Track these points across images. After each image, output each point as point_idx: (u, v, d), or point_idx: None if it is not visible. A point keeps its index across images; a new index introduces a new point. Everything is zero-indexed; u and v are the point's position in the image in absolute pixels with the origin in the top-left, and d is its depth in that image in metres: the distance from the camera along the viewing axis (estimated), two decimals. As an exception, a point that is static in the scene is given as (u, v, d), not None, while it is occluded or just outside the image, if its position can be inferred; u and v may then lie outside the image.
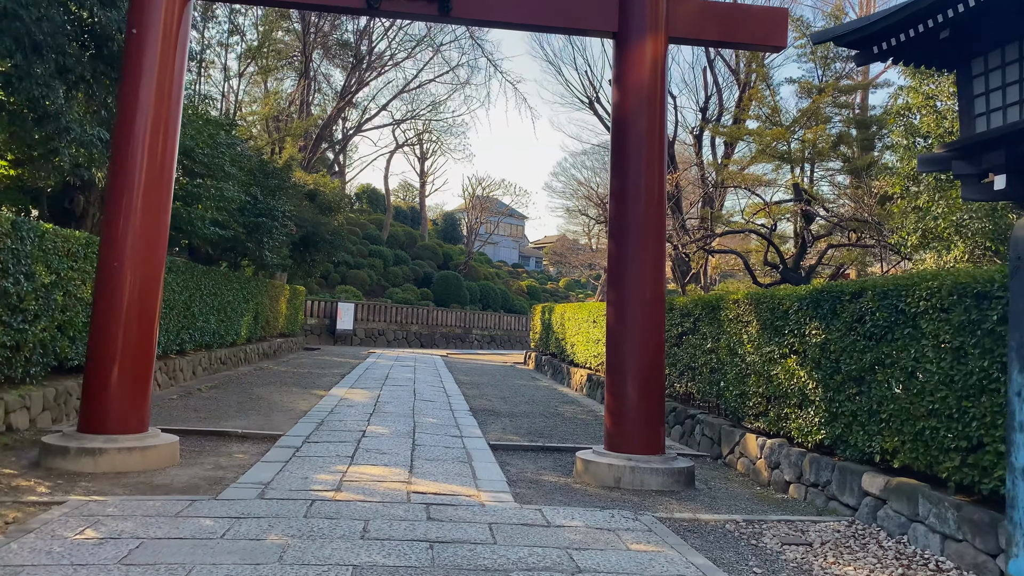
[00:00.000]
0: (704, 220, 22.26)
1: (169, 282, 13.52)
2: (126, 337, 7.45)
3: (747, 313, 8.86)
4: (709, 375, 10.30)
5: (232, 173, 15.08)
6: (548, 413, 12.97)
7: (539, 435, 10.53)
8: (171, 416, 10.37)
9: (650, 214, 8.00)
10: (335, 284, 37.93)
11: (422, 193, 57.61)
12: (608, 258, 8.30)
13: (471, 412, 12.32)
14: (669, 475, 7.57)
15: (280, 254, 19.94)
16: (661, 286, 8.10)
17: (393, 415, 11.31)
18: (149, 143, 7.63)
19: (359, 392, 14.03)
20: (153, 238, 7.70)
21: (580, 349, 18.24)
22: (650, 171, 8.00)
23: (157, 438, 7.57)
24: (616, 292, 8.14)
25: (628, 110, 8.07)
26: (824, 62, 19.25)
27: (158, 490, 6.46)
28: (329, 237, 25.59)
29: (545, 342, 23.55)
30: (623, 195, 8.09)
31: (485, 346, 39.87)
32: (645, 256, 7.98)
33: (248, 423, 10.07)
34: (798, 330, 7.70)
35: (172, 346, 14.17)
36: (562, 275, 68.96)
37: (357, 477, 7.13)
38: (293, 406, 11.98)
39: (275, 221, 16.70)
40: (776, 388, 8.09)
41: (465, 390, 15.77)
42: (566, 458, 8.99)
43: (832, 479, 6.98)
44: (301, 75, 33.17)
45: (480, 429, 10.57)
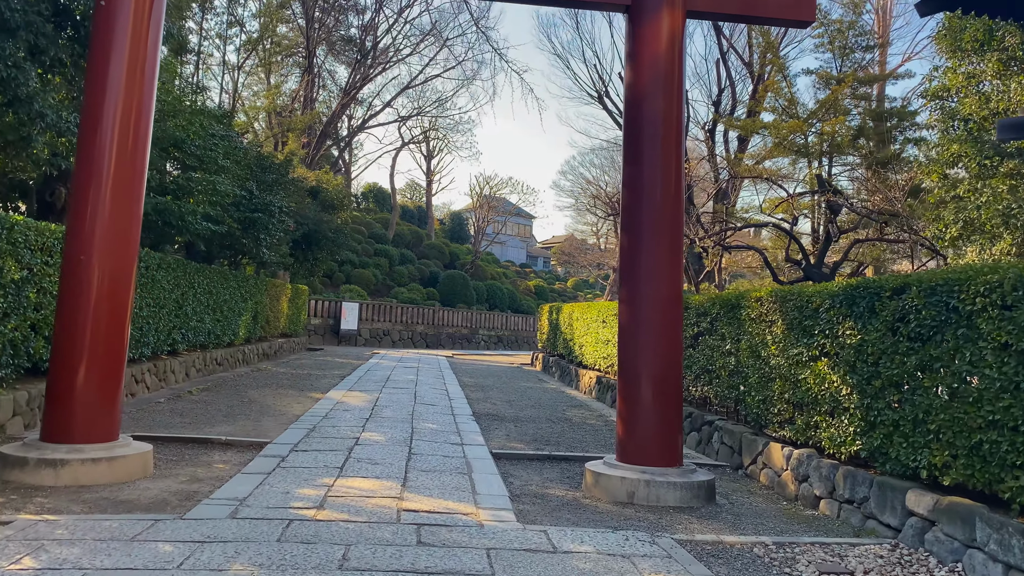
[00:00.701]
0: (717, 216, 21.54)
1: (158, 279, 12.93)
2: (94, 337, 6.82)
3: (772, 312, 8.17)
4: (728, 378, 9.60)
5: (226, 166, 14.46)
6: (555, 418, 12.29)
7: (546, 442, 9.86)
8: (153, 421, 9.74)
9: (666, 204, 7.32)
10: (339, 283, 37.34)
11: (428, 192, 57.03)
12: (620, 252, 7.62)
13: (474, 417, 11.65)
14: (688, 490, 6.89)
15: (279, 252, 19.33)
16: (678, 282, 7.42)
17: (390, 420, 10.66)
18: (119, 126, 6.99)
19: (357, 395, 13.39)
20: (124, 229, 7.06)
21: (589, 350, 17.55)
22: (666, 157, 7.32)
23: (127, 447, 6.93)
24: (629, 289, 7.46)
25: (643, 90, 7.39)
26: (842, 52, 18.52)
27: (121, 507, 5.82)
28: (332, 235, 24.97)
29: (553, 343, 22.87)
30: (637, 184, 7.41)
31: (492, 347, 39.21)
32: (661, 250, 7.30)
33: (235, 429, 9.44)
34: (830, 330, 7.01)
35: (163, 346, 13.57)
36: (570, 275, 68.29)
37: (344, 492, 6.48)
38: (286, 410, 11.34)
39: (272, 217, 16.08)
40: (804, 394, 7.39)
41: (469, 393, 15.11)
42: (574, 468, 8.31)
43: (870, 496, 6.28)
44: (305, 71, 32.60)
45: (483, 436, 9.91)
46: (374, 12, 34.05)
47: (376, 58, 34.87)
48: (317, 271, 26.40)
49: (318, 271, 26.45)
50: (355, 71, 34.59)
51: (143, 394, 12.30)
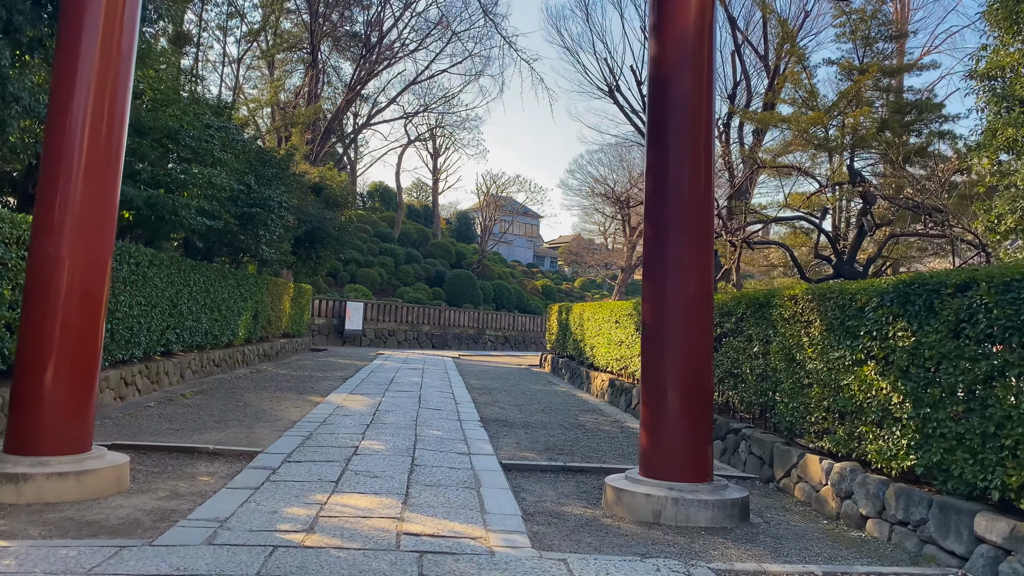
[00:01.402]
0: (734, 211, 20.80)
1: (150, 277, 12.30)
2: (64, 336, 6.17)
3: (809, 311, 7.46)
4: (756, 383, 8.91)
5: (223, 159, 13.82)
6: (567, 424, 11.61)
7: (559, 451, 9.18)
8: (139, 427, 9.10)
9: (695, 192, 6.64)
10: (344, 283, 36.73)
11: (435, 190, 56.40)
12: (644, 245, 6.93)
13: (481, 422, 10.98)
14: (721, 509, 6.20)
15: (280, 249, 18.69)
16: (708, 278, 6.73)
17: (393, 427, 9.99)
18: (92, 107, 6.35)
19: (358, 399, 12.73)
20: (97, 219, 6.41)
21: (601, 352, 16.87)
22: (695, 140, 6.63)
23: (100, 459, 6.28)
24: (654, 285, 6.77)
25: (669, 67, 6.71)
26: (865, 42, 17.78)
27: (85, 530, 5.16)
28: (335, 233, 24.33)
29: (562, 344, 22.19)
30: (662, 170, 6.72)
31: (499, 347, 38.54)
32: (689, 242, 6.61)
33: (225, 436, 8.78)
34: (878, 331, 6.31)
35: (155, 347, 12.94)
36: (577, 275, 67.61)
37: (338, 511, 5.81)
38: (282, 415, 10.69)
39: (271, 212, 15.43)
40: (847, 401, 6.70)
41: (476, 396, 14.44)
42: (592, 482, 7.63)
43: (929, 518, 5.57)
44: (309, 66, 31.96)
45: (491, 444, 9.23)
46: (380, 6, 33.42)
47: (381, 53, 34.23)
48: (320, 270, 25.75)
49: (321, 270, 25.80)
50: (360, 66, 33.96)
51: (133, 397, 11.68)
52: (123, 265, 11.22)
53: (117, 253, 11.06)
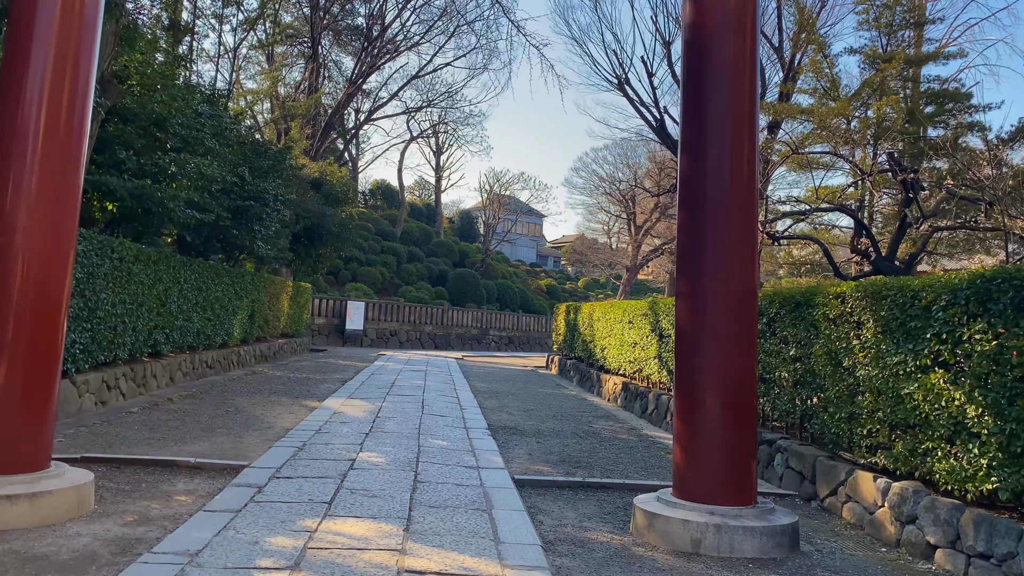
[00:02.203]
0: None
1: (136, 273, 11.53)
2: (16, 339, 5.39)
3: (860, 311, 6.66)
4: (792, 390, 8.12)
5: (215, 149, 13.04)
6: (581, 431, 10.81)
7: (575, 463, 8.38)
8: (117, 436, 8.32)
9: (738, 172, 5.84)
10: (345, 281, 35.96)
11: (437, 188, 55.66)
12: (678, 234, 6.13)
13: (489, 430, 10.19)
14: (769, 536, 5.39)
15: (277, 246, 17.90)
16: (753, 273, 5.93)
17: (394, 436, 9.20)
18: (51, 79, 5.58)
19: (357, 404, 11.94)
20: (57, 207, 5.63)
21: (612, 353, 16.07)
22: (737, 113, 5.84)
23: (59, 478, 5.49)
24: (690, 281, 5.97)
25: (708, 30, 5.91)
26: (889, 30, 16.96)
27: (29, 567, 4.37)
28: (336, 230, 23.54)
29: (570, 345, 21.39)
30: (699, 146, 5.92)
31: (503, 348, 37.74)
32: (730, 231, 5.82)
33: (209, 447, 8.00)
34: (950, 333, 5.51)
35: (142, 348, 12.17)
36: (581, 275, 66.83)
37: (329, 540, 5.02)
38: (275, 422, 9.90)
39: (265, 206, 14.64)
40: (909, 413, 5.90)
41: (482, 400, 13.65)
42: (615, 500, 6.84)
43: (1019, 552, 4.77)
44: (309, 59, 31.17)
45: (501, 455, 8.44)
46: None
47: (383, 46, 33.42)
48: (320, 268, 24.97)
49: (321, 268, 25.01)
50: (361, 60, 33.16)
51: (116, 402, 10.91)
52: (105, 260, 10.45)
53: (98, 248, 10.30)
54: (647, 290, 63.60)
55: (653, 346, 13.29)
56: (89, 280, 10.03)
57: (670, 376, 12.31)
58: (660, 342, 12.90)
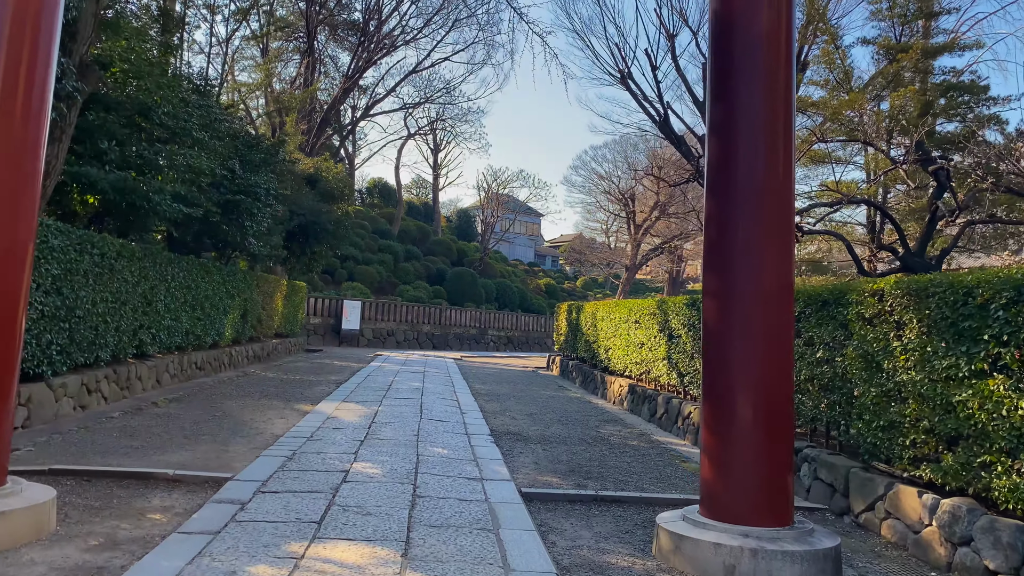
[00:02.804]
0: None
1: (118, 270, 10.94)
2: (-34, 340, 4.80)
3: (901, 309, 6.09)
4: (819, 395, 7.54)
5: (203, 140, 12.43)
6: (589, 437, 10.23)
7: (585, 473, 7.80)
8: (92, 445, 7.72)
9: (773, 157, 5.27)
10: (341, 280, 35.36)
11: (435, 186, 55.04)
12: (706, 226, 5.55)
13: (492, 436, 9.61)
14: (811, 562, 4.81)
15: (270, 243, 17.29)
16: (789, 268, 5.36)
17: (391, 443, 8.61)
18: (5, 53, 4.97)
19: (353, 408, 11.34)
20: (10, 193, 5.03)
21: (618, 354, 15.50)
22: (772, 90, 5.26)
23: (16, 496, 4.90)
24: (719, 277, 5.39)
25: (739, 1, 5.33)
26: (903, 19, 16.40)
27: (-32, 605, 3.79)
28: (331, 227, 22.92)
29: (572, 345, 20.81)
30: (730, 128, 5.35)
31: (502, 348, 37.16)
32: (765, 221, 5.24)
33: (191, 457, 7.41)
34: (1012, 334, 4.93)
35: (126, 349, 11.57)
36: (579, 274, 66.35)
37: (317, 569, 4.43)
38: (264, 428, 9.31)
39: (257, 200, 14.04)
40: (962, 422, 5.32)
41: (483, 404, 13.07)
42: (632, 517, 6.26)
43: (1102, 583, 4.20)
44: (304, 54, 30.55)
45: (506, 465, 7.86)
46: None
47: (380, 41, 32.81)
48: (315, 266, 24.35)
49: (316, 266, 24.40)
50: (358, 55, 32.54)
51: (97, 406, 10.31)
52: (84, 256, 9.85)
53: (77, 243, 9.71)
54: (646, 290, 63.08)
55: (662, 347, 12.72)
56: (67, 277, 9.44)
57: (680, 379, 11.74)
58: (669, 343, 12.34)
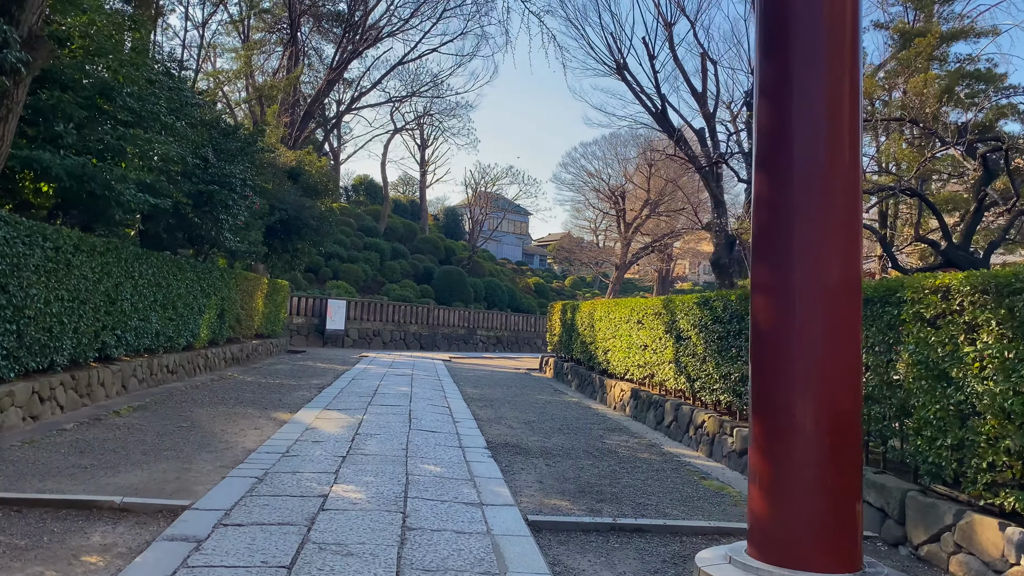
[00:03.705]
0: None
1: (76, 266, 9.95)
2: None
3: (975, 308, 5.22)
4: (863, 406, 6.65)
5: (172, 125, 11.43)
6: (595, 449, 9.33)
7: (597, 494, 6.90)
8: (34, 465, 6.74)
9: (837, 126, 4.38)
10: (326, 279, 34.31)
11: (422, 183, 54.06)
12: (755, 208, 4.65)
13: (489, 449, 8.69)
14: (894, 619, 3.93)
15: (247, 238, 16.28)
16: (857, 259, 4.47)
17: (376, 460, 7.66)
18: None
19: (335, 417, 10.39)
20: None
21: (618, 356, 14.61)
22: (835, 39, 4.38)
23: (-92, 543, 3.93)
24: (772, 269, 4.50)
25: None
26: (918, 3, 15.61)
27: None
28: (314, 223, 21.90)
29: (567, 346, 19.92)
30: (785, 88, 4.45)
31: (491, 348, 36.24)
32: (829, 204, 4.35)
33: (147, 479, 6.44)
34: None
35: (87, 352, 10.58)
36: (567, 273, 65.62)
37: (283, 639, 3.50)
38: (235, 441, 8.35)
39: (232, 191, 13.03)
40: (1061, 444, 4.46)
41: (476, 410, 12.14)
42: (658, 550, 5.36)
43: None
44: (287, 44, 29.49)
45: (507, 485, 6.94)
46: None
47: (367, 31, 31.79)
48: (298, 264, 23.32)
49: (299, 264, 23.37)
50: (343, 46, 31.50)
51: (52, 416, 9.32)
52: (35, 250, 8.86)
53: (25, 235, 8.71)
54: (635, 289, 62.37)
55: (668, 349, 11.84)
56: (14, 273, 8.45)
57: (690, 384, 10.87)
58: (677, 345, 11.46)
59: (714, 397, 10.06)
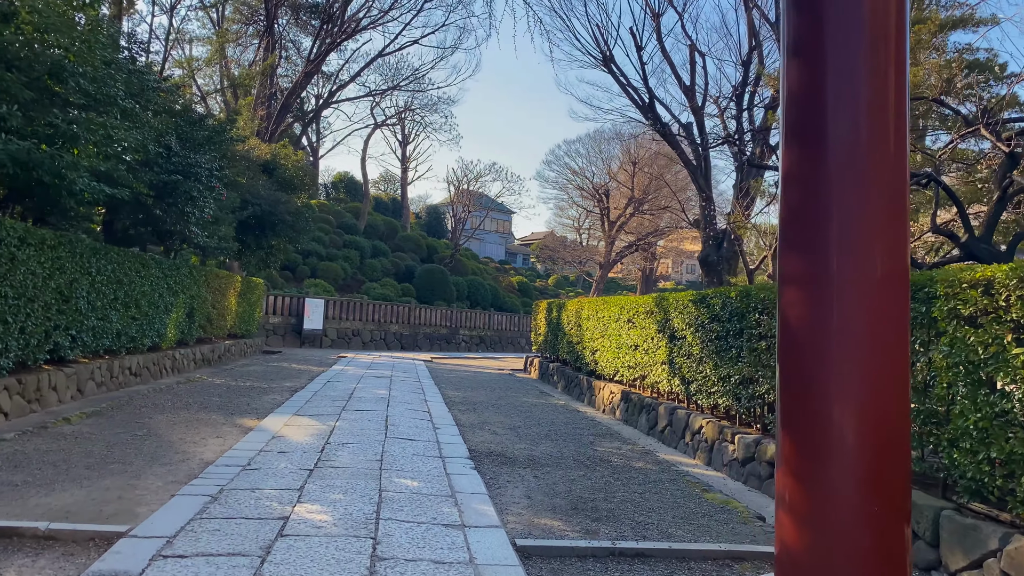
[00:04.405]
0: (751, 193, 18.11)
1: (22, 260, 9.16)
2: None
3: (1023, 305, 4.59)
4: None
5: (131, 110, 10.63)
6: (586, 458, 8.66)
7: (592, 512, 6.22)
8: (-44, 482, 5.97)
9: (881, 83, 3.72)
10: (303, 277, 33.45)
11: (403, 180, 53.24)
12: (783, 186, 3.96)
13: (472, 459, 7.99)
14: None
15: (217, 233, 15.46)
16: (904, 247, 3.80)
17: (347, 473, 6.94)
18: None
19: (305, 423, 9.65)
20: None
21: (607, 357, 13.97)
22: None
23: None
24: (804, 258, 3.82)
25: None
26: (916, -9, 15.06)
27: None
28: (290, 219, 21.06)
29: (552, 346, 19.26)
30: (818, 44, 3.78)
31: (474, 348, 35.53)
32: (872, 181, 3.69)
33: (86, 498, 5.69)
34: None
35: (36, 354, 9.79)
36: (551, 272, 65.09)
37: None
38: (192, 452, 7.60)
39: (198, 182, 12.20)
40: None
41: (458, 415, 11.44)
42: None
43: None
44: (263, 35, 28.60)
45: (492, 502, 6.26)
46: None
47: (345, 23, 30.93)
48: (273, 262, 22.46)
49: (274, 262, 22.51)
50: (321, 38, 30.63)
51: (-9, 424, 8.52)
52: (-27, 242, 8.07)
53: (-39, 225, 7.93)
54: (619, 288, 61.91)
55: (661, 349, 11.21)
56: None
57: (685, 386, 10.25)
58: (671, 345, 10.84)
59: (711, 401, 9.43)
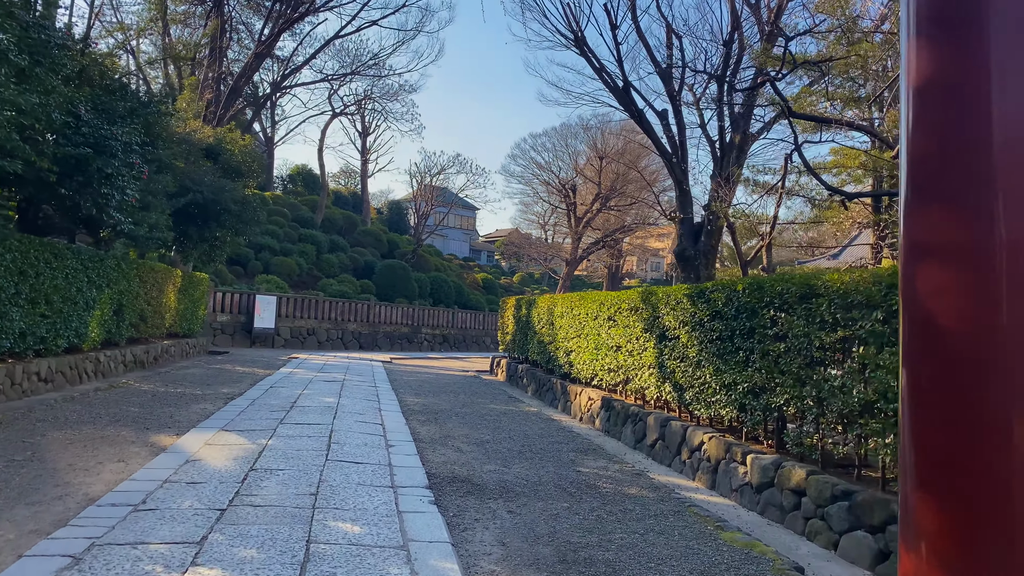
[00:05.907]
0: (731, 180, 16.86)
1: None
2: None
3: None
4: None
5: (26, 69, 8.95)
6: (569, 483, 7.23)
7: (584, 563, 4.79)
8: None
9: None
10: (255, 273, 31.56)
11: (364, 172, 51.36)
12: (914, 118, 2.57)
13: (431, 489, 6.52)
14: None
15: (147, 220, 13.73)
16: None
17: (270, 514, 5.41)
18: None
19: (231, 441, 8.06)
20: None
21: (584, 358, 12.58)
22: None
23: None
24: (949, 222, 2.42)
25: None
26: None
27: None
28: (236, 207, 19.31)
29: (522, 346, 17.83)
30: None
31: (437, 347, 33.97)
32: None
33: None
34: None
35: (-96, 359, 8.07)
36: (516, 269, 63.72)
37: None
38: (78, 483, 6.01)
39: (113, 157, 10.50)
40: None
41: (417, 427, 9.95)
42: None
43: None
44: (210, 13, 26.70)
45: (456, 555, 4.79)
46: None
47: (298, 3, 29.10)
48: (218, 254, 20.66)
49: (219, 255, 20.71)
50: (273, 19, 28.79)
51: None
52: None
53: None
54: (585, 285, 60.74)
55: (649, 351, 9.85)
56: None
57: (678, 393, 8.89)
58: (660, 345, 9.48)
59: (712, 411, 8.09)
